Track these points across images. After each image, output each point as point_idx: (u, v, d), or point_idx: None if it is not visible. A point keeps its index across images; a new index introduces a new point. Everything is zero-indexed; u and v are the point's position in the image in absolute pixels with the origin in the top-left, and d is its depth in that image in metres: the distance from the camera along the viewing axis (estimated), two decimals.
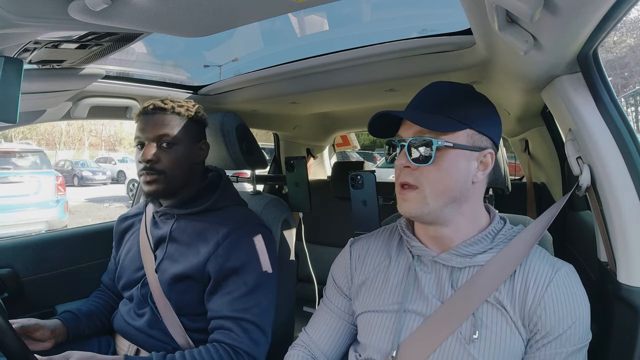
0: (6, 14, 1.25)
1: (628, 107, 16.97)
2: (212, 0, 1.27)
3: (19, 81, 1.40)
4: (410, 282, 1.56)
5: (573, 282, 1.41)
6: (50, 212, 12.96)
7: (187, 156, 2.28)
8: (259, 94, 3.10)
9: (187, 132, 2.28)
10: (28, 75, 2.16)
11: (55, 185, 13.25)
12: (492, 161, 1.51)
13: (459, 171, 1.45)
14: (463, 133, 1.45)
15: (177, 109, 2.25)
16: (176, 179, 2.24)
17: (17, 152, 13.53)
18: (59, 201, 13.26)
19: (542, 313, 1.37)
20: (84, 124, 45.99)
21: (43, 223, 12.62)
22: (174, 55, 3.53)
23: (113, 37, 1.92)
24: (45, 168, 13.69)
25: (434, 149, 1.41)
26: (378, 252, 1.73)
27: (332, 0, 1.32)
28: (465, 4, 1.51)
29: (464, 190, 1.48)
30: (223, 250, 2.11)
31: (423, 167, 1.44)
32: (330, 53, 2.55)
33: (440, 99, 1.51)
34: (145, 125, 2.19)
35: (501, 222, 1.58)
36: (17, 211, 12.37)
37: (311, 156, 5.36)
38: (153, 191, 2.20)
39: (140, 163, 2.17)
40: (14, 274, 2.77)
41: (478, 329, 1.40)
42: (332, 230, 4.61)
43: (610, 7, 1.04)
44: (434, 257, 1.52)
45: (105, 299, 2.55)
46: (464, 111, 1.47)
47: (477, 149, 1.47)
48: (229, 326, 2.02)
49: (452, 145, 1.42)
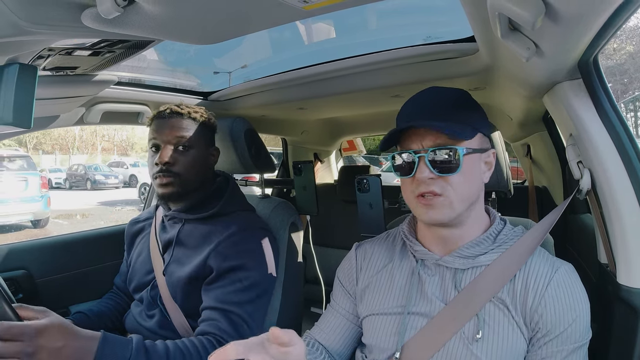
0: (21, 22, 1.26)
1: (627, 113, 16.92)
2: (222, 9, 1.27)
3: (33, 87, 1.41)
4: (414, 285, 1.56)
5: (572, 281, 1.41)
6: (36, 205, 15.62)
7: (201, 160, 2.29)
8: (268, 100, 3.11)
9: (201, 137, 2.30)
10: (42, 82, 2.16)
11: (39, 184, 15.85)
12: (493, 158, 1.55)
13: (477, 174, 1.48)
14: (476, 138, 1.47)
15: (192, 114, 2.26)
16: (190, 182, 2.24)
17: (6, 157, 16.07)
18: (43, 197, 15.87)
19: (543, 312, 1.36)
20: (97, 129, 46.21)
21: (30, 214, 15.63)
22: (184, 62, 3.52)
23: (125, 45, 1.92)
24: (31, 170, 16.13)
25: (461, 157, 1.40)
26: (381, 257, 1.73)
27: (338, 9, 1.32)
28: (468, 12, 1.51)
29: (480, 191, 1.51)
30: (223, 248, 2.12)
31: (448, 176, 1.42)
32: (337, 60, 2.55)
33: (449, 104, 1.49)
34: (162, 128, 2.20)
35: (501, 223, 1.58)
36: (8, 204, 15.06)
37: (318, 160, 5.35)
38: (168, 193, 2.20)
39: (156, 165, 2.17)
40: (29, 275, 2.78)
41: (481, 328, 1.40)
42: (339, 232, 4.61)
43: (610, 15, 1.03)
44: (437, 260, 1.52)
45: (117, 300, 2.56)
46: (473, 116, 1.49)
47: (484, 150, 1.51)
48: (216, 317, 2.01)
49: (472, 150, 1.43)
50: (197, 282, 2.12)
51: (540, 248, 1.52)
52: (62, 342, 1.56)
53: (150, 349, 1.81)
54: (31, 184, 15.53)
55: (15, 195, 15.15)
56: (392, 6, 3.22)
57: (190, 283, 2.12)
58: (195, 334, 2.03)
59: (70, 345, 1.58)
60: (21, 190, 15.28)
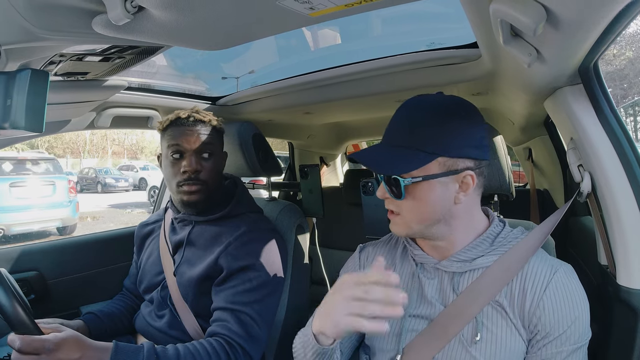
0: (33, 29, 1.26)
1: (627, 117, 16.97)
2: (230, 16, 1.27)
3: (45, 92, 1.41)
4: (414, 288, 1.56)
5: (572, 282, 1.40)
6: (64, 210, 14.54)
7: (221, 165, 2.34)
8: (275, 105, 3.11)
9: (219, 143, 2.32)
10: (54, 87, 2.17)
11: (67, 188, 14.76)
12: (473, 182, 1.43)
13: (435, 198, 1.42)
14: (434, 164, 1.39)
15: (212, 121, 2.27)
16: (213, 189, 2.26)
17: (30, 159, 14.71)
18: (71, 201, 14.81)
19: (542, 314, 1.36)
20: (107, 133, 46.43)
21: (57, 220, 14.43)
22: (193, 68, 3.54)
23: (135, 50, 1.93)
24: (58, 173, 15.01)
25: (402, 187, 1.40)
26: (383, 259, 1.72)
27: (343, 16, 1.33)
28: (471, 19, 1.51)
29: (446, 212, 1.46)
30: (233, 249, 2.13)
31: (396, 200, 1.46)
32: (343, 65, 2.54)
33: (407, 128, 1.45)
34: (187, 136, 2.19)
35: (500, 225, 1.56)
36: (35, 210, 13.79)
37: (324, 164, 5.35)
38: (194, 200, 2.21)
39: (184, 173, 2.17)
40: (41, 276, 2.80)
41: (480, 331, 1.40)
42: (344, 234, 4.60)
43: (610, 22, 1.04)
44: (436, 264, 1.53)
45: (127, 301, 2.57)
46: (433, 140, 1.39)
47: (453, 172, 1.41)
48: (226, 317, 2.02)
49: (421, 179, 1.39)
50: (207, 282, 2.13)
51: (539, 249, 1.51)
52: (79, 354, 1.63)
53: (161, 354, 1.84)
54: (59, 188, 14.48)
55: (41, 201, 14.05)
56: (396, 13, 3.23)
57: (201, 283, 2.13)
58: (206, 335, 2.05)
59: (86, 356, 1.65)
60: (48, 195, 14.23)
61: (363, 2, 1.14)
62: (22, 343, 1.50)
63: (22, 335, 1.53)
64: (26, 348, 1.51)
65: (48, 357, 1.54)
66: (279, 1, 1.12)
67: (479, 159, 1.43)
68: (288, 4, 1.15)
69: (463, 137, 1.40)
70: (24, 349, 1.51)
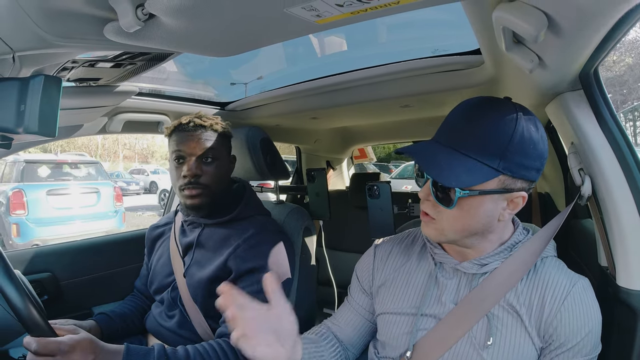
0: (47, 36, 1.27)
1: (627, 122, 16.90)
2: (238, 22, 1.28)
3: (58, 98, 1.41)
4: (431, 288, 1.55)
5: (589, 296, 1.39)
6: (109, 222, 12.48)
7: (224, 169, 2.32)
8: (282, 110, 3.11)
9: (223, 147, 2.32)
10: (66, 93, 2.19)
11: (113, 196, 12.78)
12: (523, 202, 1.37)
13: (482, 213, 1.35)
14: (494, 180, 1.31)
15: (214, 125, 2.26)
16: (217, 192, 2.26)
17: (70, 162, 12.92)
18: (117, 211, 12.86)
19: (558, 324, 1.35)
20: (119, 137, 46.34)
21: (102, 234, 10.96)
22: (202, 74, 3.54)
23: (146, 57, 1.94)
24: (102, 179, 13.14)
25: (456, 198, 1.31)
26: (399, 256, 1.72)
27: (350, 23, 1.32)
28: (474, 26, 1.51)
29: (487, 227, 1.40)
30: (242, 251, 2.13)
31: (442, 207, 1.37)
32: (349, 71, 2.56)
33: (477, 135, 1.31)
34: (187, 141, 2.19)
35: (524, 233, 1.53)
36: (77, 222, 11.80)
37: (331, 168, 5.35)
38: (197, 204, 2.22)
39: (183, 178, 2.17)
40: (54, 278, 2.81)
41: (492, 335, 1.39)
42: (350, 236, 4.60)
43: (610, 29, 1.04)
44: (456, 265, 1.50)
45: (138, 302, 2.57)
46: (507, 158, 1.28)
47: (508, 191, 1.33)
48: None
49: (478, 193, 1.31)
50: (217, 283, 2.10)
51: (559, 260, 1.51)
52: (93, 356, 1.64)
53: (171, 355, 1.84)
54: (103, 196, 12.46)
55: (83, 211, 11.98)
56: (401, 20, 3.23)
57: (210, 284, 2.13)
58: (216, 335, 2.06)
59: (99, 358, 1.66)
60: (91, 205, 12.22)
61: (368, 10, 1.14)
62: (38, 346, 1.51)
63: (38, 337, 1.54)
64: (42, 350, 1.52)
65: (63, 358, 1.55)
66: (287, 9, 1.12)
67: (534, 181, 1.37)
68: (295, 11, 1.15)
69: (533, 160, 1.32)
70: (40, 351, 1.52)
